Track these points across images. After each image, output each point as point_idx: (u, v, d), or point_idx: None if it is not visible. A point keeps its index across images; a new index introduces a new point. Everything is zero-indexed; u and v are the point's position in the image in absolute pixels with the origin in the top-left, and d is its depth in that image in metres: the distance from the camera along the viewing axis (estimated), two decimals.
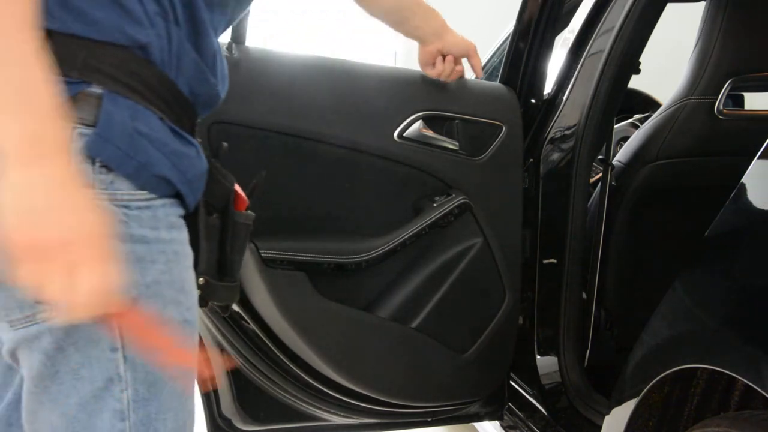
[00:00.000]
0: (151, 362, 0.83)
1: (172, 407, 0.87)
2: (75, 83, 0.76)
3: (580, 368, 1.78)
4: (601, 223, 1.85)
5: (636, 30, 1.69)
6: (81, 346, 0.81)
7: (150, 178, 0.81)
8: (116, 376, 0.82)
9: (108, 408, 0.82)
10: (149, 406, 0.84)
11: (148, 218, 0.81)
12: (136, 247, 0.80)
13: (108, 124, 0.77)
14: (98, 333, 0.80)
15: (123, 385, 0.83)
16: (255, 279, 1.53)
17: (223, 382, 1.78)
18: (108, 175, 0.78)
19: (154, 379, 0.84)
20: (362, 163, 1.63)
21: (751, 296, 1.06)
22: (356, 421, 1.84)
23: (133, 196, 0.80)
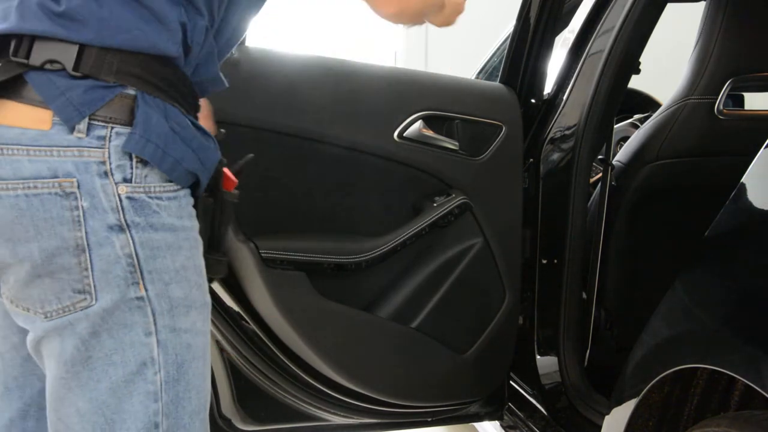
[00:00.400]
0: (179, 342, 0.90)
1: (195, 386, 0.93)
2: (112, 86, 0.84)
3: (580, 368, 1.78)
4: (601, 223, 1.85)
5: (636, 30, 1.69)
6: (115, 331, 0.86)
7: (182, 172, 0.89)
8: (150, 359, 0.88)
9: (140, 391, 0.87)
10: (178, 386, 0.90)
11: (175, 208, 0.89)
12: (167, 235, 0.88)
13: (147, 124, 0.85)
14: (133, 318, 0.86)
15: (156, 368, 0.88)
16: (255, 279, 1.53)
17: (223, 382, 1.78)
18: (144, 170, 0.85)
19: (182, 360, 0.90)
20: (362, 163, 1.63)
21: (751, 296, 1.06)
22: (356, 421, 1.84)
23: (164, 188, 0.88)
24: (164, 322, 0.88)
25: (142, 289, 0.86)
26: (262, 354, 1.70)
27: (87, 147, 0.82)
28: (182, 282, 0.90)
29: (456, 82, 1.79)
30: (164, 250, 0.87)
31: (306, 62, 1.63)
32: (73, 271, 0.83)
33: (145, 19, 0.85)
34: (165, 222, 0.87)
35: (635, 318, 1.74)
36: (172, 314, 0.89)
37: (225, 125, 1.48)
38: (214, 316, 1.65)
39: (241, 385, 1.78)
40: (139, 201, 0.85)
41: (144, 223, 0.85)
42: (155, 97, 0.86)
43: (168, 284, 0.88)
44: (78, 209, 0.82)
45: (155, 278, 0.87)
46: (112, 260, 0.84)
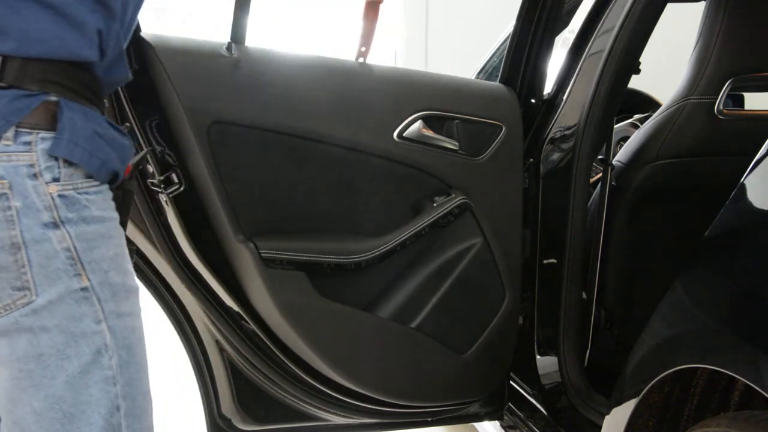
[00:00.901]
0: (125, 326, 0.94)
1: (143, 366, 0.98)
2: (36, 95, 0.88)
3: (580, 368, 1.78)
4: (601, 223, 1.85)
5: (636, 30, 1.69)
6: (65, 325, 0.88)
7: (107, 172, 0.95)
8: (104, 346, 0.92)
9: (97, 378, 0.91)
10: (130, 367, 0.95)
11: (101, 201, 0.94)
12: (99, 227, 0.92)
13: (73, 129, 0.89)
14: (81, 309, 0.90)
15: (110, 353, 0.92)
16: (255, 279, 1.53)
17: (223, 382, 1.78)
18: (70, 169, 0.90)
19: (129, 343, 0.95)
20: (362, 163, 1.63)
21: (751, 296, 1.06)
22: (356, 421, 1.84)
23: (90, 183, 0.92)
24: (110, 308, 0.92)
25: (85, 279, 0.90)
26: (262, 354, 1.70)
27: (15, 152, 0.85)
28: (118, 269, 0.95)
29: (456, 82, 1.79)
30: (99, 241, 0.92)
31: (306, 62, 1.63)
32: (10, 269, 0.85)
33: (64, 28, 0.88)
34: (95, 215, 0.92)
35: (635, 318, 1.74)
36: (115, 300, 0.93)
37: (225, 125, 1.48)
38: (215, 316, 1.65)
39: (241, 385, 1.78)
40: (69, 198, 0.89)
41: (77, 218, 0.89)
42: (76, 102, 0.91)
43: (107, 272, 0.92)
44: (11, 209, 0.85)
45: (95, 268, 0.91)
46: (51, 255, 0.87)
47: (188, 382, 1.95)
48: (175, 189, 1.51)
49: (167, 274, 1.66)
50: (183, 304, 1.72)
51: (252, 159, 1.53)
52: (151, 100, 1.47)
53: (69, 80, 0.90)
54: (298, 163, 1.58)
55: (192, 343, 1.75)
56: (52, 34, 0.87)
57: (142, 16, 1.46)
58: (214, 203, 1.50)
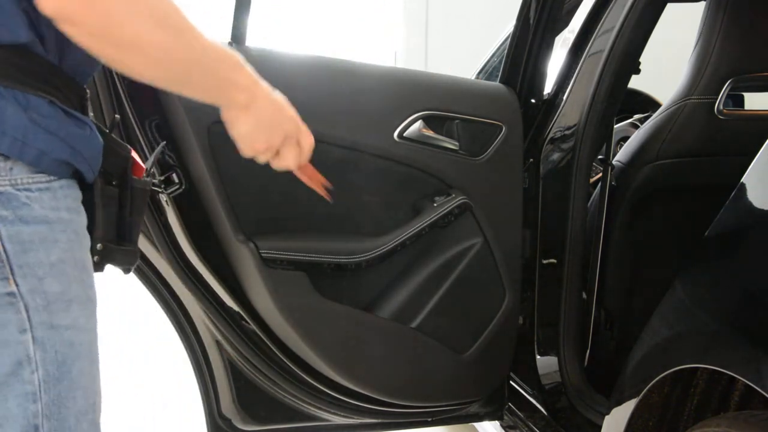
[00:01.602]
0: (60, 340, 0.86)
1: (81, 385, 0.89)
2: None
3: (580, 368, 1.78)
4: (601, 223, 1.85)
5: (636, 30, 1.69)
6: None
7: (50, 162, 0.86)
8: (26, 358, 0.83)
9: (16, 392, 0.83)
10: (60, 385, 0.86)
11: (48, 199, 0.85)
12: (39, 228, 0.84)
13: (2, 117, 0.81)
14: (4, 316, 0.82)
15: (33, 366, 0.84)
16: (255, 279, 1.53)
17: (223, 382, 1.78)
18: (7, 163, 0.82)
19: (63, 358, 0.86)
20: (362, 163, 1.63)
21: (751, 296, 1.06)
22: (356, 421, 1.84)
23: (33, 179, 0.84)
24: (40, 318, 0.84)
25: (12, 284, 0.82)
26: (263, 354, 1.70)
27: None
28: (59, 276, 0.86)
29: (456, 82, 1.79)
30: (37, 244, 0.84)
31: (306, 62, 1.63)
32: None
33: None
34: (37, 214, 0.84)
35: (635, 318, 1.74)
36: (49, 310, 0.85)
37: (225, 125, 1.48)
38: (215, 316, 1.65)
39: (241, 385, 1.78)
40: (5, 194, 0.82)
41: (12, 216, 0.82)
42: (11, 88, 0.82)
43: (42, 279, 0.84)
44: None
45: (27, 273, 0.83)
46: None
47: (188, 382, 1.95)
48: (175, 189, 1.51)
49: (167, 274, 1.66)
50: (183, 304, 1.72)
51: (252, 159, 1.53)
52: (151, 100, 1.47)
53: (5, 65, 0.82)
54: None
55: (192, 343, 1.75)
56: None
57: None
58: (214, 203, 1.50)
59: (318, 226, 1.64)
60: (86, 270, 0.91)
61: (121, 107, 1.43)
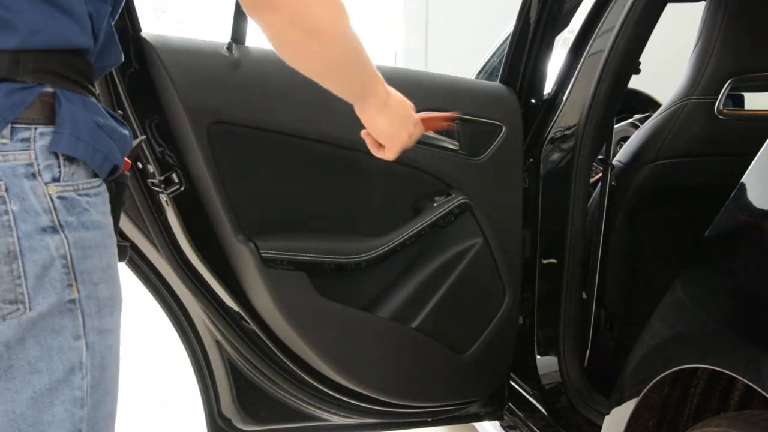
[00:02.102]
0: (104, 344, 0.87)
1: (111, 388, 0.91)
2: (31, 87, 0.81)
3: (580, 368, 1.78)
4: (601, 223, 1.85)
5: (636, 30, 1.69)
6: (43, 337, 0.82)
7: (109, 165, 0.88)
8: (78, 364, 0.84)
9: (65, 398, 0.84)
10: (99, 389, 0.87)
11: (101, 204, 0.88)
12: (96, 234, 0.86)
13: (74, 121, 0.83)
14: (62, 322, 0.83)
15: (84, 372, 0.85)
16: (255, 279, 1.53)
17: (223, 382, 1.78)
18: (71, 167, 0.83)
19: (105, 363, 0.88)
20: (362, 163, 1.63)
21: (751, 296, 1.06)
22: (356, 421, 1.84)
23: (91, 184, 0.86)
24: (93, 324, 0.85)
25: (75, 291, 0.83)
26: (262, 354, 1.70)
27: (12, 150, 0.79)
28: (109, 281, 0.88)
29: (456, 82, 1.79)
30: (94, 249, 0.85)
31: None
32: (4, 280, 0.79)
33: (55, 16, 0.81)
34: (95, 219, 0.85)
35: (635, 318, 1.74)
36: (99, 315, 0.86)
37: (225, 125, 1.48)
38: (215, 316, 1.65)
39: (241, 385, 1.78)
40: (69, 200, 0.82)
41: (77, 222, 0.83)
42: (73, 92, 0.84)
43: (97, 284, 0.85)
44: (8, 213, 0.78)
45: (86, 279, 0.84)
46: (48, 263, 0.81)
47: (188, 382, 1.95)
48: (175, 189, 1.51)
49: (167, 274, 1.66)
50: (183, 304, 1.72)
51: (252, 159, 1.53)
52: (151, 99, 1.47)
53: (64, 69, 0.83)
54: (299, 163, 1.58)
55: (192, 343, 1.75)
56: (44, 24, 0.80)
57: (142, 16, 1.46)
58: (214, 203, 1.50)
59: (318, 226, 1.64)
60: (118, 272, 0.93)
61: (122, 107, 1.43)
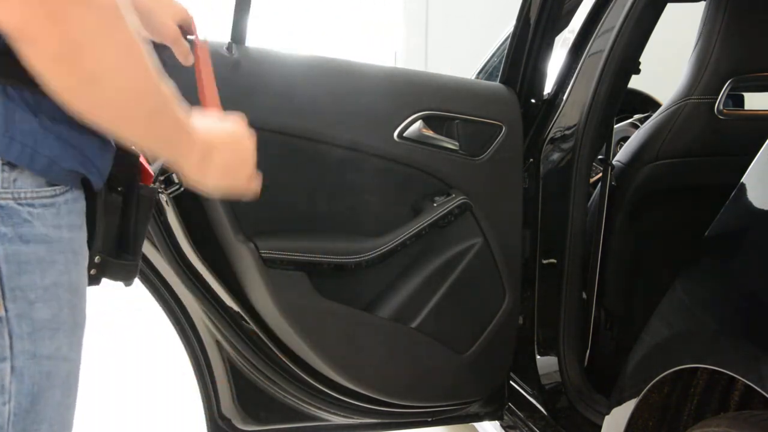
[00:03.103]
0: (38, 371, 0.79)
1: (47, 417, 0.81)
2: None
3: (580, 368, 1.78)
4: (601, 223, 1.85)
5: (636, 30, 1.69)
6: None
7: (59, 172, 0.78)
8: (0, 388, 0.76)
9: None
10: (27, 418, 0.79)
11: (51, 216, 0.78)
12: (38, 248, 0.77)
13: (10, 121, 0.74)
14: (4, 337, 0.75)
15: (6, 398, 0.77)
16: (255, 279, 1.53)
17: (223, 382, 1.78)
18: (11, 173, 0.74)
19: (37, 390, 0.79)
20: (362, 163, 1.63)
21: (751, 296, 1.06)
22: (356, 421, 1.84)
23: (38, 193, 0.77)
24: (23, 346, 0.77)
25: (1, 308, 0.75)
26: (262, 354, 1.70)
27: None
28: (51, 301, 0.79)
29: (456, 82, 1.79)
30: (33, 265, 0.76)
31: (306, 62, 1.63)
32: None
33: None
34: (37, 233, 0.76)
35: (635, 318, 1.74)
36: (33, 338, 0.78)
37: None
38: (215, 316, 1.65)
39: (241, 385, 1.78)
40: (6, 209, 0.74)
41: (12, 234, 0.74)
42: (20, 89, 0.74)
43: (33, 303, 0.77)
44: None
45: (18, 296, 0.75)
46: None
47: (188, 382, 1.95)
48: (175, 189, 1.50)
49: (167, 274, 1.66)
50: (183, 304, 1.72)
51: None
52: None
53: (11, 63, 0.70)
54: (299, 163, 1.58)
55: (192, 343, 1.75)
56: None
57: None
58: (214, 203, 1.50)
59: (318, 226, 1.64)
60: (79, 293, 0.84)
61: None
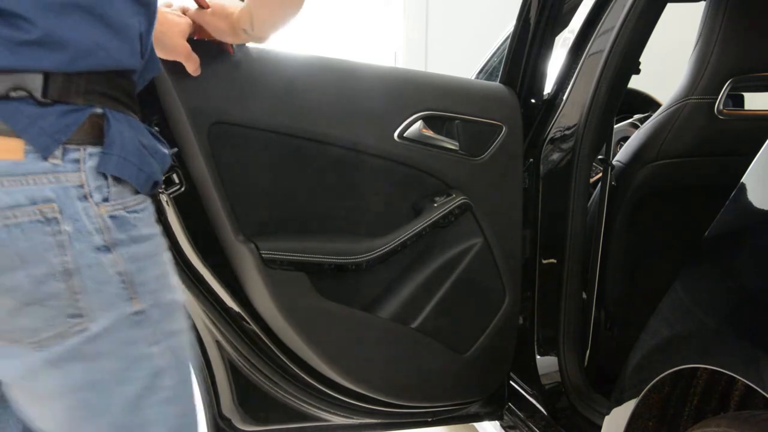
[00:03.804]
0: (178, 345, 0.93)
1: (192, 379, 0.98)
2: (82, 109, 0.82)
3: (580, 368, 1.78)
4: (601, 222, 1.85)
5: (636, 30, 1.69)
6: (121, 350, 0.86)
7: (151, 185, 0.91)
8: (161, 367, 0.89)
9: (158, 400, 0.89)
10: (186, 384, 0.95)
11: (147, 218, 0.90)
12: (147, 246, 0.89)
13: (122, 143, 0.85)
14: (135, 333, 0.87)
15: (169, 373, 0.90)
16: (255, 279, 1.53)
17: (223, 382, 1.78)
18: (118, 187, 0.85)
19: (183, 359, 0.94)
20: (362, 164, 1.63)
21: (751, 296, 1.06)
22: (356, 422, 1.84)
23: (136, 200, 0.88)
24: (163, 328, 0.90)
25: (137, 303, 0.86)
26: (262, 354, 1.70)
27: (63, 172, 0.80)
28: (166, 287, 0.92)
29: (456, 82, 1.79)
30: (147, 261, 0.89)
31: (306, 62, 1.63)
32: (63, 297, 0.81)
33: (108, 37, 0.83)
34: (143, 233, 0.88)
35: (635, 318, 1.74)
36: (167, 320, 0.91)
37: (225, 126, 1.49)
38: (214, 316, 1.65)
39: (241, 385, 1.78)
40: (119, 218, 0.85)
41: (127, 239, 0.85)
42: (120, 112, 0.86)
43: (156, 292, 0.89)
44: (62, 233, 0.80)
45: (146, 290, 0.87)
46: (105, 281, 0.83)
47: None
48: (175, 189, 1.51)
49: None
50: None
51: (252, 159, 1.53)
52: (152, 100, 1.47)
53: (114, 90, 0.85)
54: (299, 164, 1.58)
55: (192, 343, 1.75)
56: (98, 46, 0.82)
57: None
58: (215, 204, 1.50)
59: (318, 227, 1.64)
60: (174, 275, 0.97)
61: None
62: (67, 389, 0.84)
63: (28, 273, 0.79)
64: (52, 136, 0.79)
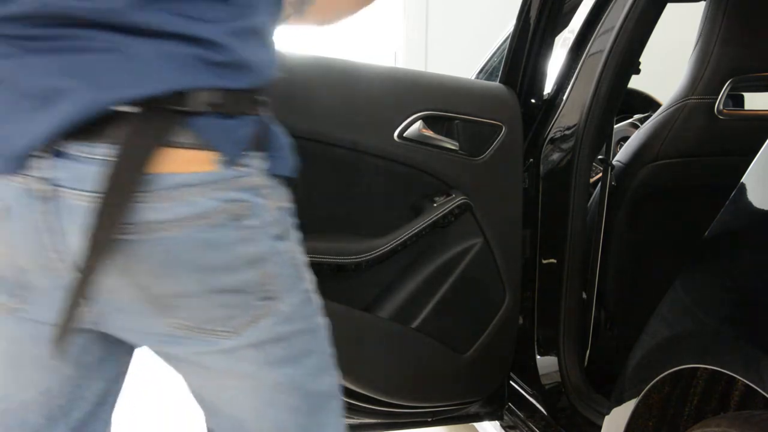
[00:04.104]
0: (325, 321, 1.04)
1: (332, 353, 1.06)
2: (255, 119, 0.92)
3: (580, 368, 1.78)
4: (601, 223, 1.85)
5: (636, 30, 1.69)
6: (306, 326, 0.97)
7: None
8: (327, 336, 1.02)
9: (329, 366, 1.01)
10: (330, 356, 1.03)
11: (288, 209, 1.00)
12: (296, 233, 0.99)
13: (282, 145, 0.97)
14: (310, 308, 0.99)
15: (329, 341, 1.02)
16: None
17: None
18: (277, 183, 0.95)
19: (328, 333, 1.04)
20: (362, 164, 1.63)
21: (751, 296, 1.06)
22: (356, 421, 1.84)
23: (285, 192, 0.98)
24: (318, 301, 1.02)
25: (305, 282, 0.98)
26: None
27: (250, 176, 0.90)
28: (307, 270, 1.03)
29: (456, 82, 1.79)
30: (299, 247, 1.00)
31: (306, 62, 1.63)
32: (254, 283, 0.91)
33: (270, 57, 0.93)
34: (291, 225, 0.99)
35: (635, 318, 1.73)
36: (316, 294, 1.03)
37: None
38: None
39: None
40: (283, 210, 0.96)
41: (289, 227, 0.97)
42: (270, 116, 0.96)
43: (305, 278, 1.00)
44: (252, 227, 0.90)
45: (305, 270, 1.00)
46: (285, 265, 0.94)
47: None
48: None
49: None
50: None
51: None
52: None
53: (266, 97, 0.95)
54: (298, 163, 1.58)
55: None
56: (266, 64, 0.92)
57: None
58: None
59: (318, 227, 1.64)
60: None
61: None
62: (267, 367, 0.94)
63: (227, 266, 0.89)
64: (237, 145, 0.88)
